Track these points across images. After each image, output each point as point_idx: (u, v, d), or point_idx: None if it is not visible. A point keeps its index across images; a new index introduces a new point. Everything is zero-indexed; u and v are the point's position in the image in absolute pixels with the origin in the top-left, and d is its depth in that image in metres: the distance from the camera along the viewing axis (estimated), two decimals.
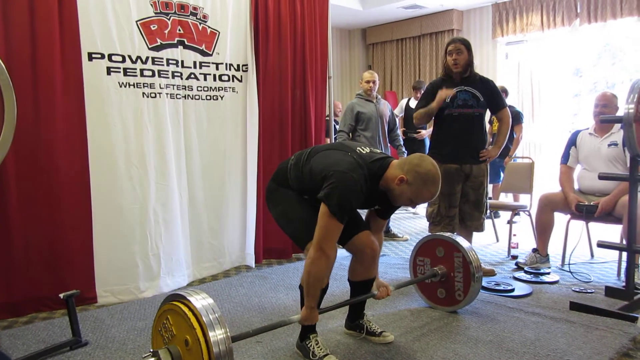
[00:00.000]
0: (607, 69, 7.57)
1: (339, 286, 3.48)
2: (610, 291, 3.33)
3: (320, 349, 2.42)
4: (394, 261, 4.37)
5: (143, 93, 3.54)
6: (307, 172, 2.38)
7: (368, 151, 2.38)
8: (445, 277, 3.03)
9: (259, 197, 4.17)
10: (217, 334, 1.82)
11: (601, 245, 3.31)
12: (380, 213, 2.58)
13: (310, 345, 2.44)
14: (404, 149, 5.44)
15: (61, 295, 2.66)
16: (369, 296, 2.63)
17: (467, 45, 3.64)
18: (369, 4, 7.69)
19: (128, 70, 3.47)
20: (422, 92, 3.91)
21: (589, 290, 3.45)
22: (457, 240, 3.01)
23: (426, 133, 6.21)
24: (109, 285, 3.44)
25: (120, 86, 3.45)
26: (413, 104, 6.10)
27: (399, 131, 5.42)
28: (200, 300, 1.90)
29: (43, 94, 3.13)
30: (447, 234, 3.10)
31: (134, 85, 3.50)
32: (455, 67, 3.62)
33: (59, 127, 3.20)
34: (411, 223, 6.12)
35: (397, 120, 5.46)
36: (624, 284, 3.36)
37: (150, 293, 3.53)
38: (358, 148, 2.38)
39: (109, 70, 3.40)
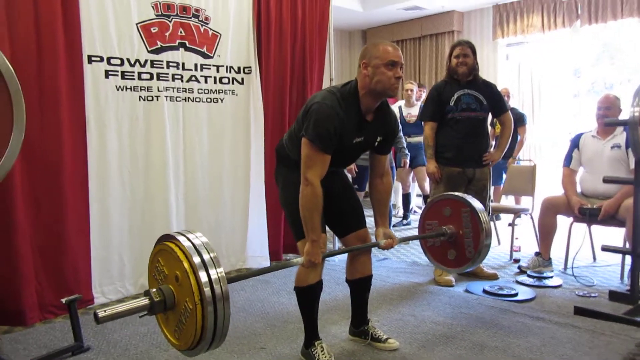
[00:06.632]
0: (605, 69, 7.56)
1: (342, 290, 3.46)
2: (614, 295, 3.31)
3: (325, 356, 2.41)
4: (395, 265, 4.35)
5: (140, 97, 3.53)
6: (297, 131, 2.37)
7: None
8: (455, 236, 2.93)
9: (268, 200, 4.19)
10: (203, 259, 1.76)
11: (606, 249, 3.29)
12: (379, 149, 2.53)
13: (316, 352, 2.42)
14: (406, 151, 5.43)
15: (63, 300, 2.64)
16: (374, 245, 2.55)
17: (473, 49, 3.63)
18: (369, 5, 7.66)
19: (126, 73, 3.46)
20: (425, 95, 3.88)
21: (592, 295, 3.43)
22: (464, 196, 2.95)
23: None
24: (100, 285, 3.45)
25: (118, 89, 3.44)
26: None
27: (401, 133, 5.41)
28: (183, 234, 1.86)
29: (47, 97, 3.11)
30: (453, 193, 3.08)
31: (131, 88, 3.49)
32: (462, 67, 3.60)
33: (64, 131, 3.18)
34: (413, 227, 6.10)
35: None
36: (627, 287, 3.34)
37: (135, 291, 3.56)
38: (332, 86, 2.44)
39: (107, 74, 3.39)
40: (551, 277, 3.78)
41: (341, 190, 2.59)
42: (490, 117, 3.89)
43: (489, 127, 4.11)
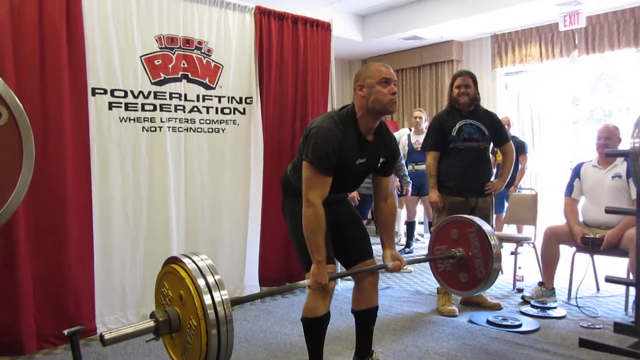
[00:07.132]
0: (603, 97, 7.62)
1: (344, 320, 3.43)
2: (619, 327, 3.26)
3: None
4: (397, 294, 4.32)
5: (143, 127, 3.57)
6: (300, 159, 2.40)
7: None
8: (464, 259, 2.94)
9: (263, 229, 4.18)
10: (207, 281, 1.84)
11: (609, 280, 3.27)
12: (382, 170, 2.57)
13: None
14: (408, 179, 5.43)
15: (65, 332, 2.60)
16: (381, 267, 2.54)
17: (474, 80, 3.68)
18: (369, 35, 7.77)
19: (129, 105, 3.50)
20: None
21: (597, 326, 3.40)
22: (469, 217, 2.97)
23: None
24: (101, 315, 3.43)
25: (121, 121, 3.47)
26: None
27: (403, 161, 5.42)
28: (189, 257, 1.92)
29: (52, 129, 3.13)
30: (457, 215, 3.09)
31: (134, 119, 3.53)
32: (463, 97, 3.64)
33: (68, 162, 3.20)
34: (415, 255, 6.08)
35: (400, 150, 5.44)
36: (632, 319, 3.31)
37: (137, 321, 3.50)
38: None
39: (110, 105, 3.43)
40: (555, 307, 3.75)
41: (347, 221, 2.59)
42: (491, 145, 3.91)
43: (490, 155, 4.12)
